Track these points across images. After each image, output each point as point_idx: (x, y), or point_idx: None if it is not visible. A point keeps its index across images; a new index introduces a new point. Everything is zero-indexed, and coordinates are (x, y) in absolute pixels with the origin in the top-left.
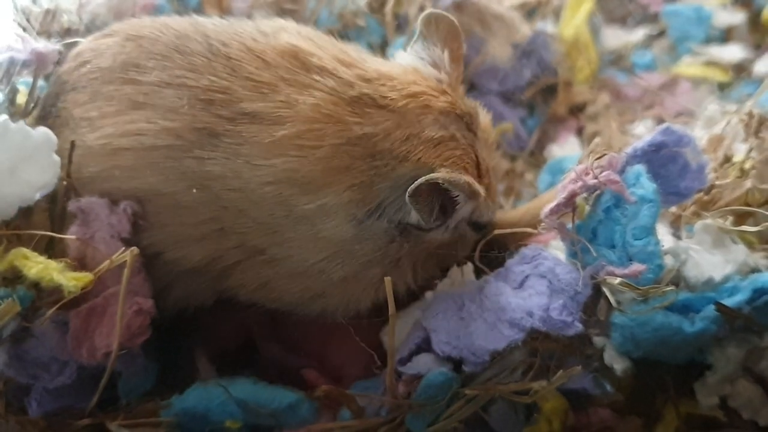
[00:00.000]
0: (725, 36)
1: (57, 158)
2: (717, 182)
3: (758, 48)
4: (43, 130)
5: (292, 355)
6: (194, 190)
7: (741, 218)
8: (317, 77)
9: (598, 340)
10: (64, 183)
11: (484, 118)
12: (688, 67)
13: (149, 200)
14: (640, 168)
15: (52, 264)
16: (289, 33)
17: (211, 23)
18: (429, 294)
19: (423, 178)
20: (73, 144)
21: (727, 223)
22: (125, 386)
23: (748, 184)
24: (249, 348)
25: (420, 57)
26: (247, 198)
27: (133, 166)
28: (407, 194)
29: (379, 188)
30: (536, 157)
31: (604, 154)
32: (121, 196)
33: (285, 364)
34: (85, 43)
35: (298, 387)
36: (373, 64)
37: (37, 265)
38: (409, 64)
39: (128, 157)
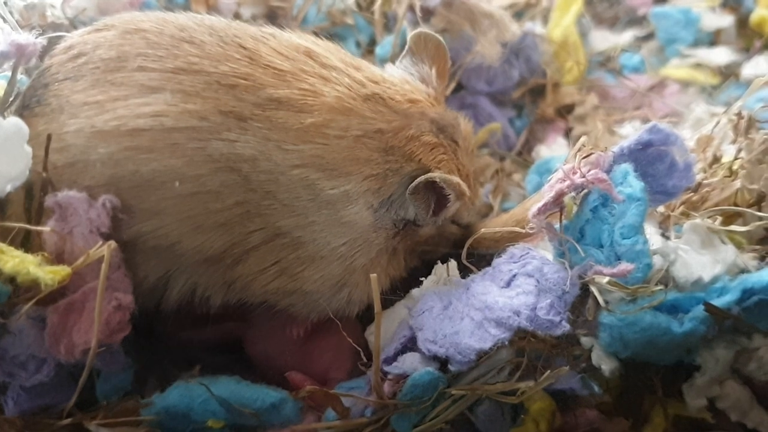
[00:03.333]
0: (713, 39)
1: (29, 149)
2: (706, 181)
3: (746, 51)
4: (13, 121)
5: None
6: (223, 173)
7: (730, 219)
8: (334, 74)
9: (585, 341)
10: (43, 175)
11: (465, 126)
12: (676, 69)
13: (166, 184)
14: (627, 167)
15: (29, 258)
16: (296, 35)
17: (211, 18)
18: (416, 292)
19: (423, 176)
20: (49, 136)
21: (716, 223)
22: (104, 385)
23: (737, 184)
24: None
25: (409, 72)
26: (276, 180)
27: (152, 147)
28: (408, 191)
29: (391, 182)
30: (524, 158)
31: (591, 153)
32: (138, 180)
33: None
34: (75, 36)
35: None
36: (375, 69)
37: (13, 259)
38: (401, 76)
39: (146, 138)
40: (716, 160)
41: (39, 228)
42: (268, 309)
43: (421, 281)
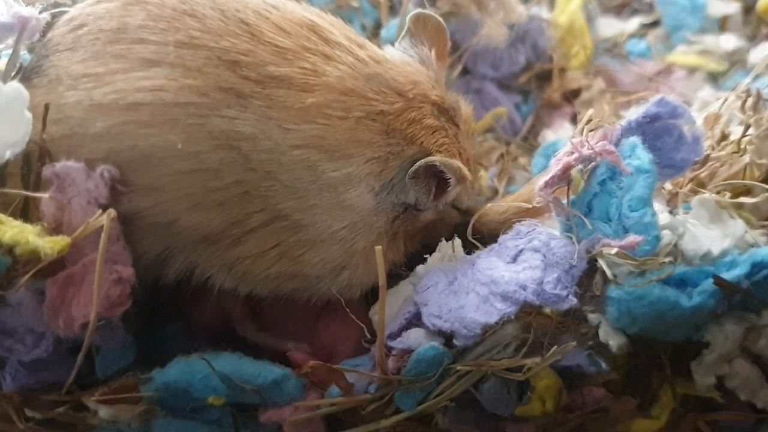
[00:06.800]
0: (720, 26)
1: (29, 115)
2: (714, 155)
3: (753, 38)
4: (14, 86)
5: (272, 337)
6: (223, 151)
7: (738, 195)
8: (337, 51)
9: (593, 317)
10: (43, 137)
11: (466, 109)
12: (682, 56)
13: (165, 160)
14: (635, 140)
15: (28, 227)
16: (300, 8)
17: None
18: (420, 268)
19: (423, 160)
20: (47, 106)
21: (725, 198)
22: (103, 361)
23: (746, 159)
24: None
25: (409, 54)
26: (277, 160)
27: (151, 122)
28: (408, 175)
29: (392, 165)
30: (530, 143)
31: (599, 127)
32: (136, 155)
33: (266, 345)
34: (77, 8)
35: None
36: (377, 49)
37: (12, 229)
38: (401, 57)
39: (145, 112)
40: (724, 137)
41: (37, 194)
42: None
43: (426, 258)
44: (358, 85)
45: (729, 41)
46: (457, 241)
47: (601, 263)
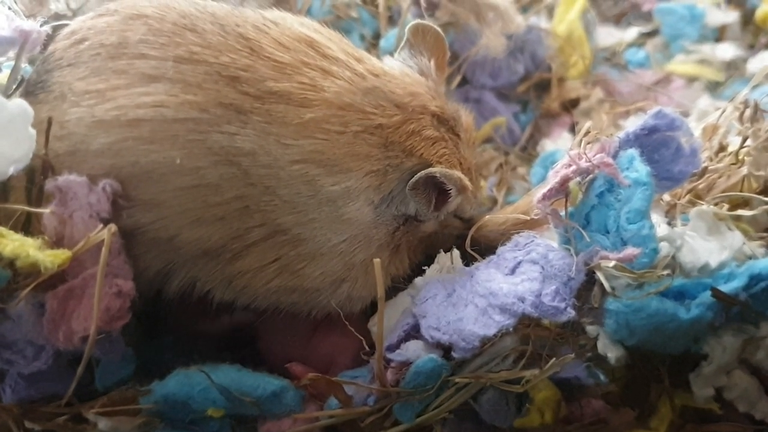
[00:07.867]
0: (718, 35)
1: (33, 131)
2: (712, 166)
3: (751, 47)
4: (18, 102)
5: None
6: (223, 167)
7: (736, 207)
8: (335, 66)
9: (591, 329)
10: (44, 153)
11: (467, 118)
12: (681, 65)
13: (166, 176)
14: (633, 152)
15: (29, 241)
16: (299, 23)
17: (213, 5)
18: (419, 280)
19: (422, 172)
20: (50, 120)
21: (723, 210)
22: (103, 373)
23: (744, 171)
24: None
25: (408, 64)
26: (276, 175)
27: (152, 138)
28: (407, 187)
29: (391, 178)
30: (529, 152)
31: (597, 139)
32: (137, 171)
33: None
34: (78, 22)
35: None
36: (376, 61)
37: (12, 243)
38: (400, 68)
39: (146, 128)
40: (722, 148)
41: (39, 210)
42: (274, 311)
43: (424, 270)
44: (355, 99)
45: (727, 50)
46: (456, 253)
47: (599, 275)
